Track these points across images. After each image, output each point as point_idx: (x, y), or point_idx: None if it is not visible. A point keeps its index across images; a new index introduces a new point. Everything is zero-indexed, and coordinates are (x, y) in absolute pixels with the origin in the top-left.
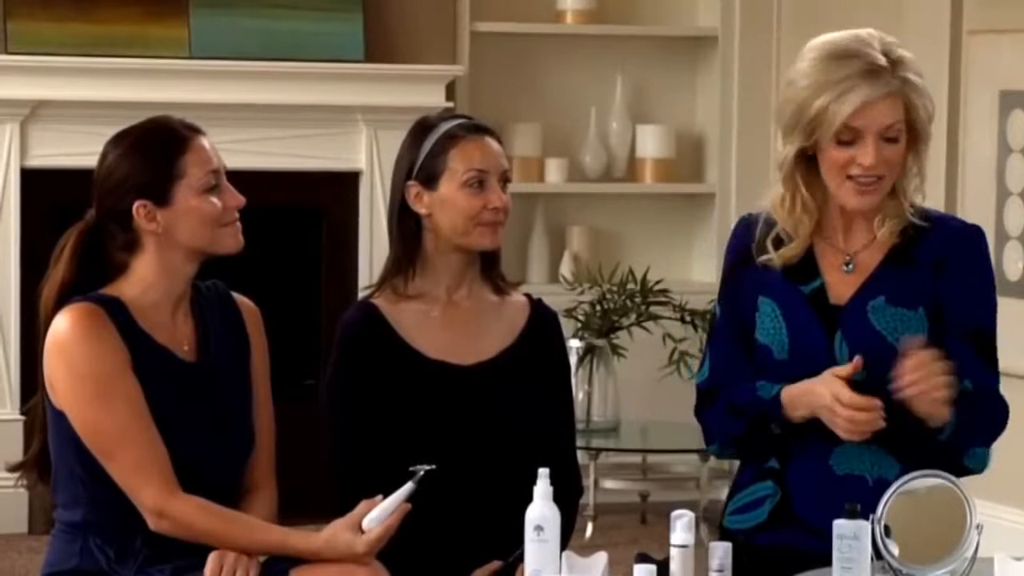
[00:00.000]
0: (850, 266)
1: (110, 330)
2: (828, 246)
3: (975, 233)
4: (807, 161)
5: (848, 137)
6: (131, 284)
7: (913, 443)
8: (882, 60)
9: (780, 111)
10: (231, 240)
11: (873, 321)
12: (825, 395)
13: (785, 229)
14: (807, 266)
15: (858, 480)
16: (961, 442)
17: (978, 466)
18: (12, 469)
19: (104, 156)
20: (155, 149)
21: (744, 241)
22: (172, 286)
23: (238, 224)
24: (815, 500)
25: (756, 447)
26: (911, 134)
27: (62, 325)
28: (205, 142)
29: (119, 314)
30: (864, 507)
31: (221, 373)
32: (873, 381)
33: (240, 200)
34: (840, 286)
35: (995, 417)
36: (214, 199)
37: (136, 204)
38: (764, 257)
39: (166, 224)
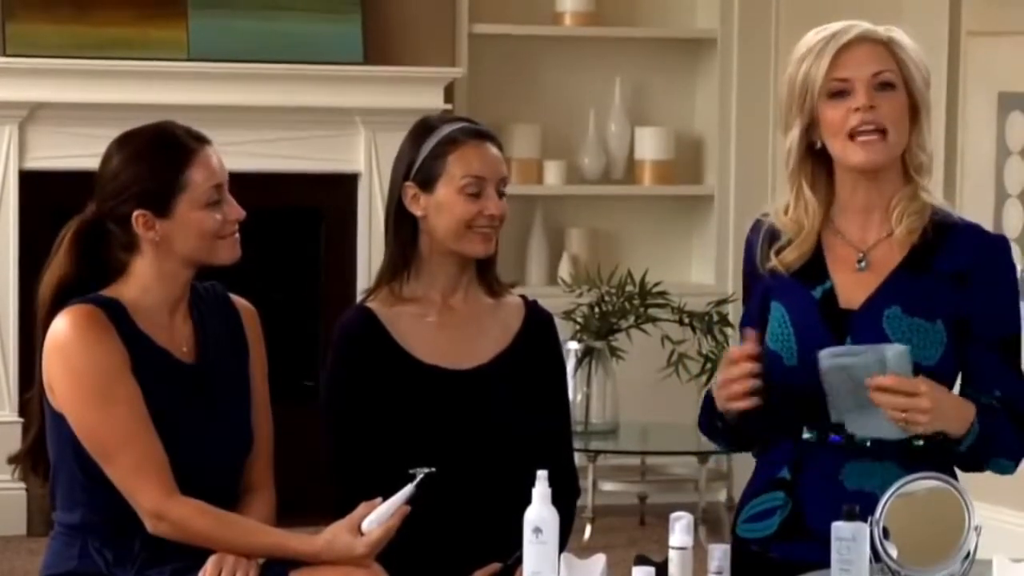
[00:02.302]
0: (863, 263)
1: (110, 332)
2: (840, 241)
3: (1001, 244)
4: (814, 157)
5: (838, 89)
6: (130, 286)
7: (928, 460)
8: (862, 23)
9: (778, 104)
10: (227, 252)
11: (889, 332)
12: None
13: (789, 237)
14: (816, 267)
15: (868, 497)
16: (983, 454)
17: (1002, 472)
18: (10, 460)
19: (108, 157)
20: (160, 159)
21: (755, 248)
22: (169, 290)
23: (236, 236)
24: (825, 514)
25: (727, 440)
26: (910, 99)
27: (61, 327)
28: (211, 153)
29: (118, 316)
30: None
31: (219, 374)
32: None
33: (240, 213)
34: (851, 288)
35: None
36: (215, 212)
37: (136, 213)
38: (769, 265)
39: (164, 234)
